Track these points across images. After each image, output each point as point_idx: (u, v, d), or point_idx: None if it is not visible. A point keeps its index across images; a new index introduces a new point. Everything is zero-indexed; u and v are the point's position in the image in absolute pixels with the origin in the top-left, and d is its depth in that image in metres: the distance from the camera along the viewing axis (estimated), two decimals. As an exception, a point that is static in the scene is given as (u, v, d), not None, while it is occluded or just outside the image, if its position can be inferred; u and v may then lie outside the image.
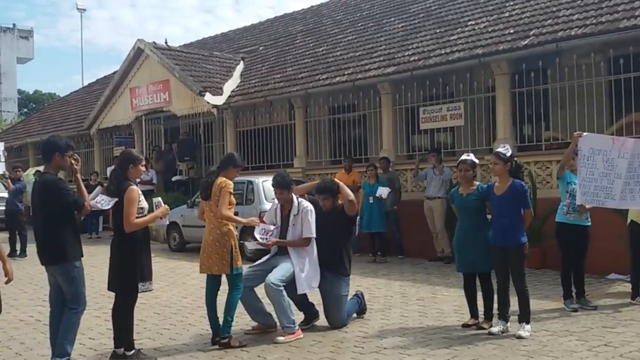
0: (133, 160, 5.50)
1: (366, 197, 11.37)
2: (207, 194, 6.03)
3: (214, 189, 5.97)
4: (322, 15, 18.70)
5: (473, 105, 11.73)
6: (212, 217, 6.01)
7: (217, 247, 5.94)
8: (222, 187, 5.92)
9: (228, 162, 6.19)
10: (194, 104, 15.67)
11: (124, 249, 5.36)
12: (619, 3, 10.05)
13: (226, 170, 6.10)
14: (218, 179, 6.01)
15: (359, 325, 6.67)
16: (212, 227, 6.00)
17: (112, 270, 5.48)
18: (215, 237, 5.97)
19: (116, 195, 5.31)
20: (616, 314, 6.89)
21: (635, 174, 6.93)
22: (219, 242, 5.95)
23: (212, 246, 5.97)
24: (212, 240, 5.97)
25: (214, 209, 5.96)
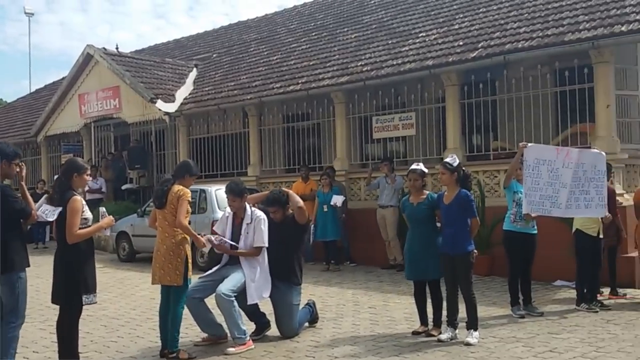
0: (78, 169, 5.36)
1: (320, 206, 11.40)
2: (162, 203, 5.93)
3: (170, 198, 5.87)
4: (276, 24, 18.71)
5: (424, 115, 11.91)
6: (166, 226, 5.91)
7: (170, 257, 5.85)
8: (181, 195, 5.83)
9: (184, 170, 6.11)
10: (145, 111, 15.45)
11: (67, 260, 5.21)
12: (564, 17, 10.38)
13: (182, 178, 6.03)
14: (174, 187, 5.92)
15: (311, 334, 6.66)
16: (166, 236, 5.91)
17: (55, 283, 5.33)
18: (169, 246, 5.88)
19: (59, 205, 5.17)
20: (562, 320, 7.07)
21: (580, 183, 7.14)
22: (173, 252, 5.86)
23: (165, 256, 5.87)
24: (166, 249, 5.88)
25: (168, 218, 5.87)
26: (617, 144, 9.48)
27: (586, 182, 7.15)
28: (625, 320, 6.98)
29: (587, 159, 7.24)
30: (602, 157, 7.39)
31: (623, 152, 9.59)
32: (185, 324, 6.68)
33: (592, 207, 7.22)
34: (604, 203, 7.28)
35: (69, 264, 5.21)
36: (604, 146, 9.09)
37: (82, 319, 5.50)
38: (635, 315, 7.25)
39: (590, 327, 6.69)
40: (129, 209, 14.34)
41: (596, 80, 9.60)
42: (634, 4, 9.79)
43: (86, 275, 5.26)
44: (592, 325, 6.77)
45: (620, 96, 9.95)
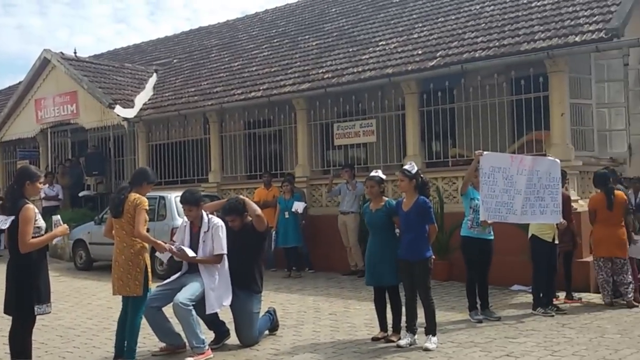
0: (30, 176, 5.24)
1: (281, 212, 11.38)
2: (119, 211, 5.83)
3: (127, 206, 5.78)
4: (237, 30, 18.65)
5: (384, 123, 12.01)
6: (124, 235, 5.82)
7: (129, 267, 5.76)
8: (138, 204, 5.75)
9: (141, 177, 6.03)
10: (104, 116, 15.21)
11: (19, 270, 5.09)
12: (520, 27, 10.61)
13: (139, 186, 5.94)
14: (131, 195, 5.83)
15: (271, 342, 6.63)
16: (124, 246, 5.81)
17: (7, 293, 5.19)
18: (127, 256, 5.79)
19: (11, 214, 5.04)
20: (518, 325, 7.18)
21: (535, 190, 7.31)
22: (132, 262, 5.77)
23: (123, 266, 5.78)
24: (124, 260, 5.79)
25: (126, 227, 5.78)
26: (571, 151, 9.72)
27: (541, 189, 7.32)
28: (580, 324, 7.13)
29: (541, 166, 7.42)
30: (556, 164, 7.58)
31: (577, 159, 9.83)
32: (143, 334, 6.59)
33: (547, 213, 7.39)
34: (558, 209, 7.46)
35: (21, 273, 5.09)
36: (558, 153, 9.32)
37: (37, 329, 5.38)
38: (589, 319, 7.41)
39: (546, 331, 6.81)
40: (86, 216, 14.08)
41: (551, 89, 9.83)
42: (587, 15, 10.08)
43: (39, 285, 5.14)
44: (548, 330, 6.90)
45: (574, 105, 10.21)
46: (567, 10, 10.51)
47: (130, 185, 5.98)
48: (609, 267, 8.19)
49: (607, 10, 9.93)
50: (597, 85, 10.50)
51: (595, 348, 6.08)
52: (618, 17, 9.51)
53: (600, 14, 9.91)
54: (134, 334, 5.79)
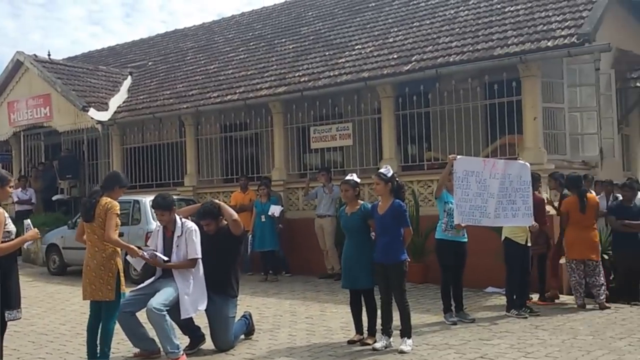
0: (0, 180, 5.18)
1: (258, 216, 11.36)
2: (90, 216, 5.78)
3: (98, 210, 5.74)
4: (214, 33, 18.58)
5: (361, 126, 12.06)
6: (96, 240, 5.77)
7: (101, 272, 5.71)
8: (109, 208, 5.70)
9: (114, 181, 5.98)
10: (77, 119, 15.05)
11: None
12: (494, 32, 10.74)
13: (111, 190, 5.89)
14: (102, 199, 5.79)
15: (247, 346, 6.62)
16: (96, 251, 5.76)
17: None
18: (99, 261, 5.73)
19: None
20: (492, 326, 7.26)
21: (507, 194, 7.41)
22: (104, 266, 5.72)
23: (95, 271, 5.73)
24: (96, 264, 5.73)
25: (97, 232, 5.73)
26: (543, 155, 9.85)
27: (513, 192, 7.43)
28: (553, 326, 7.22)
29: (512, 169, 7.53)
30: (526, 167, 7.70)
31: (549, 163, 9.96)
32: (117, 339, 6.53)
33: (519, 216, 7.50)
34: (530, 212, 7.57)
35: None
36: (531, 157, 9.45)
37: (9, 335, 5.32)
38: (562, 320, 7.51)
39: (519, 333, 6.89)
40: (60, 220, 13.91)
41: (524, 94, 9.96)
42: (559, 20, 10.24)
43: (8, 291, 5.06)
44: (521, 331, 6.98)
45: (547, 109, 10.35)
46: (539, 16, 10.66)
47: (102, 189, 5.93)
48: (582, 270, 8.31)
49: (579, 15, 10.10)
50: (569, 90, 10.65)
51: (567, 350, 6.17)
52: (590, 22, 9.68)
53: (573, 19, 10.07)
54: (108, 338, 5.73)
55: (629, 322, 7.35)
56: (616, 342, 6.41)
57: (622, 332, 6.87)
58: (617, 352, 6.02)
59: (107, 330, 5.74)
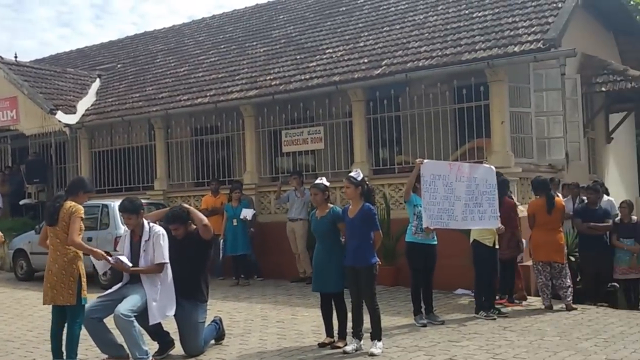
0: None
1: (229, 220, 11.31)
2: (54, 220, 5.72)
3: (62, 214, 5.69)
4: (184, 35, 18.46)
5: (332, 130, 12.10)
6: (58, 244, 5.71)
7: (63, 276, 5.66)
8: (73, 212, 5.66)
9: (78, 186, 5.93)
10: (45, 122, 14.82)
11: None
12: (462, 37, 10.88)
13: (75, 195, 5.84)
14: (67, 203, 5.74)
15: (217, 352, 6.58)
16: (58, 255, 5.71)
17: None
18: (61, 265, 5.69)
19: None
20: (461, 328, 7.33)
21: (474, 197, 7.52)
22: (66, 270, 5.68)
23: (57, 275, 5.68)
24: (58, 268, 5.68)
25: (60, 236, 5.67)
26: (511, 158, 10.01)
27: (479, 196, 7.55)
28: (521, 327, 7.31)
29: (478, 173, 7.66)
30: (491, 171, 7.83)
31: (517, 166, 10.13)
32: (85, 345, 6.46)
33: (485, 219, 7.62)
34: (496, 215, 7.70)
35: None
36: (499, 160, 9.60)
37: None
38: (530, 321, 7.62)
39: (488, 335, 6.98)
40: (27, 225, 13.67)
41: (491, 98, 10.10)
42: (526, 26, 10.42)
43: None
44: (490, 333, 7.07)
45: (514, 113, 10.52)
46: (507, 22, 10.83)
47: (67, 194, 5.87)
48: (548, 271, 8.45)
49: (545, 21, 10.29)
50: (535, 94, 10.83)
51: (535, 350, 6.25)
52: (555, 28, 9.87)
53: (539, 24, 10.26)
54: (73, 344, 5.67)
55: (595, 323, 7.48)
56: (582, 343, 6.52)
57: (589, 332, 7.00)
58: (583, 353, 6.13)
59: (72, 335, 5.68)
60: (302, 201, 11.12)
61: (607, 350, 6.21)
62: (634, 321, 7.57)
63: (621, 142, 15.29)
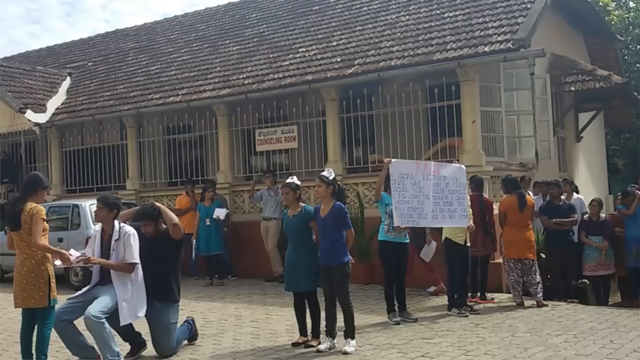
0: None
1: (202, 220, 11.25)
2: (17, 224, 5.62)
3: (24, 217, 5.59)
4: (155, 33, 18.28)
5: (306, 129, 12.10)
6: (24, 247, 5.63)
7: (32, 279, 5.57)
8: (34, 214, 5.56)
9: (34, 184, 5.80)
10: (14, 121, 14.57)
11: None
12: (434, 37, 10.95)
13: (34, 193, 5.73)
14: (27, 205, 5.63)
15: (190, 352, 6.55)
16: (25, 257, 5.63)
17: None
18: (29, 267, 5.60)
19: None
20: (434, 325, 7.40)
21: (443, 195, 7.60)
22: (34, 273, 5.59)
23: (26, 278, 5.59)
24: (26, 271, 5.59)
25: (26, 239, 5.58)
26: (482, 157, 10.11)
27: (449, 194, 7.62)
28: (493, 324, 7.40)
29: (447, 172, 7.73)
30: (462, 170, 7.91)
31: (488, 165, 10.22)
32: (56, 347, 6.38)
33: (455, 217, 7.70)
34: (466, 214, 7.79)
35: None
36: (470, 159, 9.69)
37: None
38: (501, 318, 7.71)
39: (460, 332, 7.05)
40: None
41: (463, 97, 10.19)
42: (496, 26, 10.53)
43: None
44: (462, 330, 7.14)
45: (485, 112, 10.62)
46: (477, 22, 10.94)
47: (24, 194, 5.75)
48: (519, 268, 8.56)
49: (515, 22, 10.41)
50: (506, 94, 10.95)
51: (506, 347, 6.33)
52: (524, 28, 9.99)
53: (508, 25, 10.38)
54: (44, 346, 5.60)
55: (565, 319, 7.60)
56: (553, 339, 6.62)
57: (559, 329, 7.11)
58: (553, 349, 6.22)
59: (43, 337, 5.61)
60: (276, 200, 11.10)
61: (577, 346, 6.31)
62: (603, 317, 7.71)
63: (590, 140, 15.54)
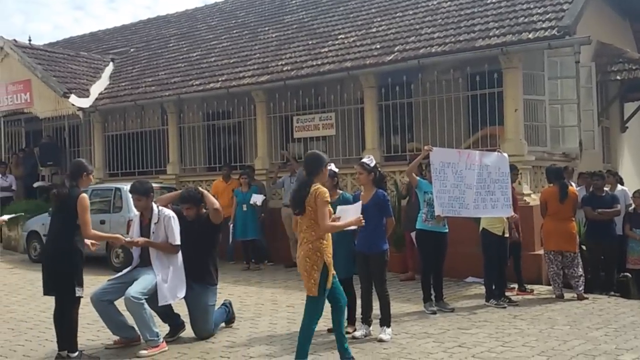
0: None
1: (239, 205, 11.35)
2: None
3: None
4: (196, 20, 18.43)
5: (344, 116, 12.06)
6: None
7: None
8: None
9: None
10: (58, 105, 14.89)
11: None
12: (476, 24, 10.77)
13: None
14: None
15: (227, 334, 6.64)
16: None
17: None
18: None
19: None
20: (471, 316, 7.34)
21: (486, 185, 7.47)
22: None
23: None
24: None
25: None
26: (524, 146, 9.93)
27: (491, 184, 7.49)
28: (531, 316, 7.31)
29: (490, 161, 7.59)
30: (504, 159, 7.77)
31: (530, 155, 10.05)
32: (97, 327, 6.56)
33: (498, 207, 7.57)
34: (509, 203, 7.65)
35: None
36: (512, 148, 9.53)
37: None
38: (540, 310, 7.61)
39: (498, 323, 6.98)
40: (41, 207, 13.76)
41: (505, 85, 10.02)
42: (540, 12, 10.30)
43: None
44: (499, 321, 7.07)
45: (527, 101, 10.43)
46: (521, 8, 10.71)
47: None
48: (560, 260, 8.41)
49: (560, 8, 10.16)
50: (550, 82, 10.73)
51: (545, 339, 6.25)
52: (570, 15, 9.75)
53: (553, 11, 10.14)
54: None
55: (605, 313, 7.47)
56: (593, 332, 6.51)
57: (599, 322, 6.98)
58: (593, 342, 6.12)
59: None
60: None
61: (618, 340, 6.20)
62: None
63: (636, 131, 15.14)
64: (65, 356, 5.59)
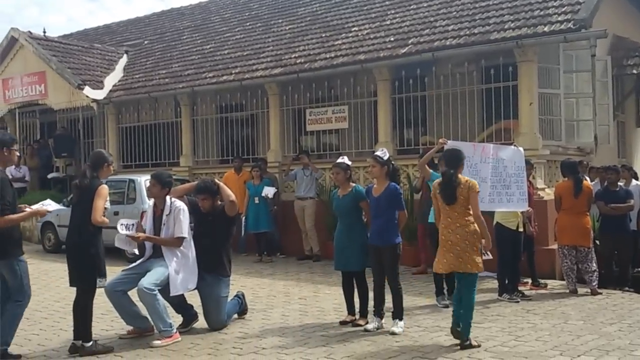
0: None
1: (251, 198, 11.38)
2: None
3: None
4: (210, 12, 18.45)
5: (357, 109, 12.04)
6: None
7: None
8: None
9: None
10: (72, 97, 15.00)
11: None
12: (491, 17, 10.69)
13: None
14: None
15: (240, 326, 6.67)
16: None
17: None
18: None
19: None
20: (484, 310, 7.30)
21: (501, 179, 7.42)
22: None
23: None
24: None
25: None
26: (539, 140, 9.87)
27: (507, 178, 7.44)
28: (545, 311, 7.28)
29: (506, 155, 7.53)
30: (520, 153, 7.70)
31: (544, 149, 9.99)
32: (111, 317, 6.61)
33: (513, 201, 7.52)
34: (525, 197, 7.60)
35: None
36: (526, 142, 9.47)
37: (3, 311, 5.35)
38: (554, 305, 7.57)
39: (511, 317, 6.95)
40: (55, 198, 13.72)
41: (520, 79, 9.94)
42: (556, 5, 10.20)
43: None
44: (513, 315, 7.04)
45: (542, 94, 10.35)
46: (536, 0, 10.60)
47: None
48: (573, 255, 8.36)
49: (576, 1, 10.05)
50: (565, 76, 10.64)
51: (558, 334, 6.23)
52: (586, 8, 9.65)
53: (569, 4, 10.04)
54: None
55: (619, 308, 7.42)
56: (606, 328, 6.48)
57: (613, 317, 6.94)
58: (606, 337, 6.08)
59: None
60: (311, 179, 11.19)
61: (632, 336, 6.16)
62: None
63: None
64: (80, 345, 5.65)
